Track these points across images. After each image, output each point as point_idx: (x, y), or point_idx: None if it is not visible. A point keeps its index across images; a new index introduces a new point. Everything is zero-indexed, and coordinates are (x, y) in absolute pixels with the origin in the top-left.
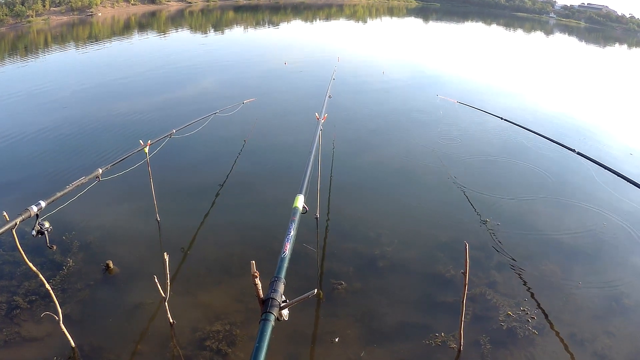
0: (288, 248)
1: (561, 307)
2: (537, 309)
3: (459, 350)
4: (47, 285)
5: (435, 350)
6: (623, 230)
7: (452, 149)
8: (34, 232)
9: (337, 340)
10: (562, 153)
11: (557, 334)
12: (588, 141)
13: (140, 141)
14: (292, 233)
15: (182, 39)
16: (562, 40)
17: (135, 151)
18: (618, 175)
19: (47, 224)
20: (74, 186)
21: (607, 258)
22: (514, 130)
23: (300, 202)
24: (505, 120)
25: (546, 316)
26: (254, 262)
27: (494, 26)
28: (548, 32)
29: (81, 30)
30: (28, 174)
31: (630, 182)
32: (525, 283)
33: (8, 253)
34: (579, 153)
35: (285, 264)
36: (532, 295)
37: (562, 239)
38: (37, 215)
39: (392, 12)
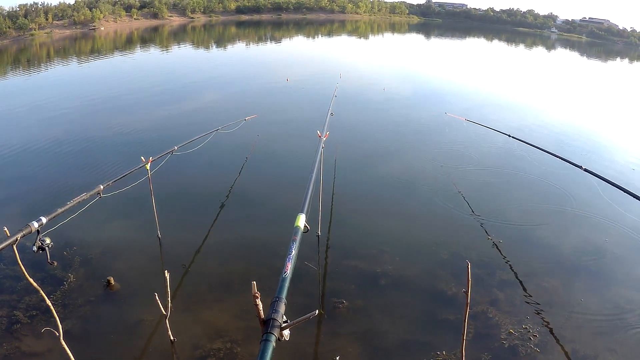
0: (289, 268)
1: (563, 324)
2: (539, 326)
3: None
4: (48, 301)
5: None
6: (627, 246)
7: (456, 166)
8: (34, 248)
9: (338, 358)
10: (568, 169)
11: (559, 351)
12: (592, 155)
13: (142, 158)
14: (294, 253)
15: (184, 54)
16: (564, 55)
17: (137, 168)
18: (624, 192)
19: (48, 240)
20: (75, 202)
21: (609, 274)
22: (520, 146)
23: (301, 221)
24: (512, 137)
25: (548, 334)
26: (254, 282)
27: (496, 41)
28: (550, 46)
29: (84, 44)
30: (29, 189)
31: (637, 198)
32: (527, 300)
33: (9, 268)
34: (586, 170)
35: (287, 284)
36: (534, 312)
37: (565, 255)
38: (38, 231)
39: (394, 28)
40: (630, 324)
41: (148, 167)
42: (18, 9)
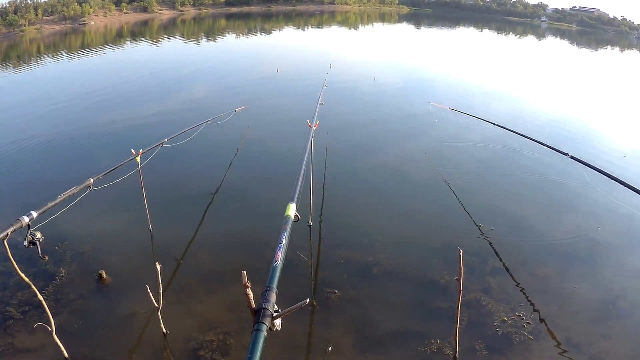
0: (280, 257)
1: (557, 312)
2: (533, 314)
3: (455, 357)
4: (40, 296)
5: (431, 357)
6: (617, 233)
7: (445, 155)
8: (25, 243)
9: (330, 349)
10: (555, 157)
11: (553, 338)
12: (581, 144)
13: (132, 150)
14: (284, 242)
15: (174, 47)
16: (554, 44)
17: (127, 160)
18: (611, 178)
19: (38, 235)
20: (65, 196)
21: (601, 261)
22: (506, 135)
23: (292, 210)
24: (497, 125)
25: (542, 321)
26: (244, 272)
27: (485, 31)
28: (540, 35)
29: (73, 39)
30: (19, 183)
31: (623, 184)
32: (520, 288)
33: (0, 263)
34: (572, 157)
35: (278, 273)
36: (528, 300)
37: (557, 243)
38: (28, 225)
39: (383, 18)
40: (623, 311)
41: (138, 160)
42: (7, 5)
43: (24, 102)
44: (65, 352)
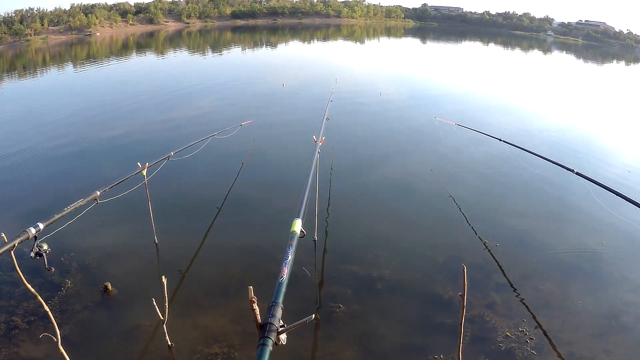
0: (286, 273)
1: (560, 327)
2: (536, 329)
3: None
4: (46, 307)
5: None
6: (621, 248)
7: (451, 170)
8: (32, 254)
9: None
10: (560, 172)
11: (556, 353)
12: (587, 158)
13: (138, 163)
14: (290, 257)
15: (179, 60)
16: (560, 58)
17: (133, 174)
18: (616, 194)
19: (45, 246)
20: (72, 208)
21: (605, 276)
22: (512, 150)
23: (297, 226)
24: (503, 141)
25: (545, 336)
26: (251, 287)
27: (492, 45)
28: (546, 49)
29: (79, 49)
30: (26, 195)
31: (628, 200)
32: (523, 303)
33: (7, 274)
34: (577, 173)
35: (283, 289)
36: (531, 315)
37: (561, 258)
38: (35, 237)
39: (389, 32)
40: (626, 326)
41: (144, 173)
42: (14, 14)
43: (30, 112)
44: None
